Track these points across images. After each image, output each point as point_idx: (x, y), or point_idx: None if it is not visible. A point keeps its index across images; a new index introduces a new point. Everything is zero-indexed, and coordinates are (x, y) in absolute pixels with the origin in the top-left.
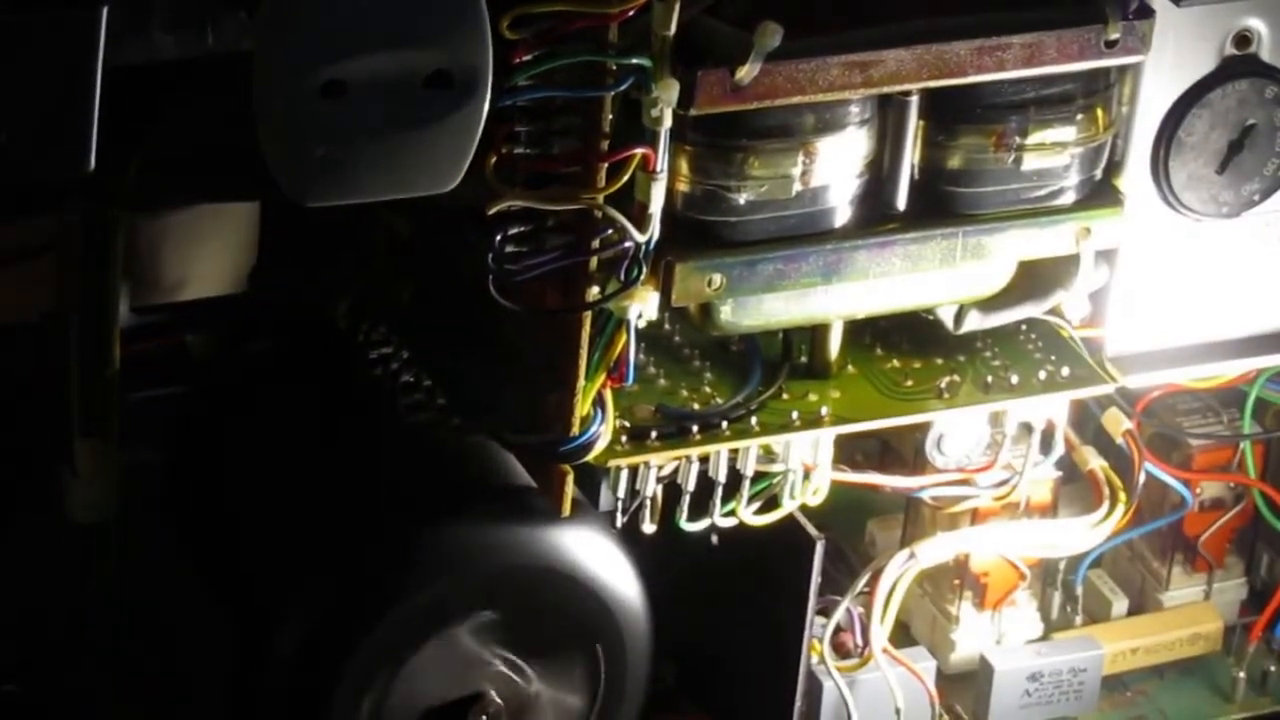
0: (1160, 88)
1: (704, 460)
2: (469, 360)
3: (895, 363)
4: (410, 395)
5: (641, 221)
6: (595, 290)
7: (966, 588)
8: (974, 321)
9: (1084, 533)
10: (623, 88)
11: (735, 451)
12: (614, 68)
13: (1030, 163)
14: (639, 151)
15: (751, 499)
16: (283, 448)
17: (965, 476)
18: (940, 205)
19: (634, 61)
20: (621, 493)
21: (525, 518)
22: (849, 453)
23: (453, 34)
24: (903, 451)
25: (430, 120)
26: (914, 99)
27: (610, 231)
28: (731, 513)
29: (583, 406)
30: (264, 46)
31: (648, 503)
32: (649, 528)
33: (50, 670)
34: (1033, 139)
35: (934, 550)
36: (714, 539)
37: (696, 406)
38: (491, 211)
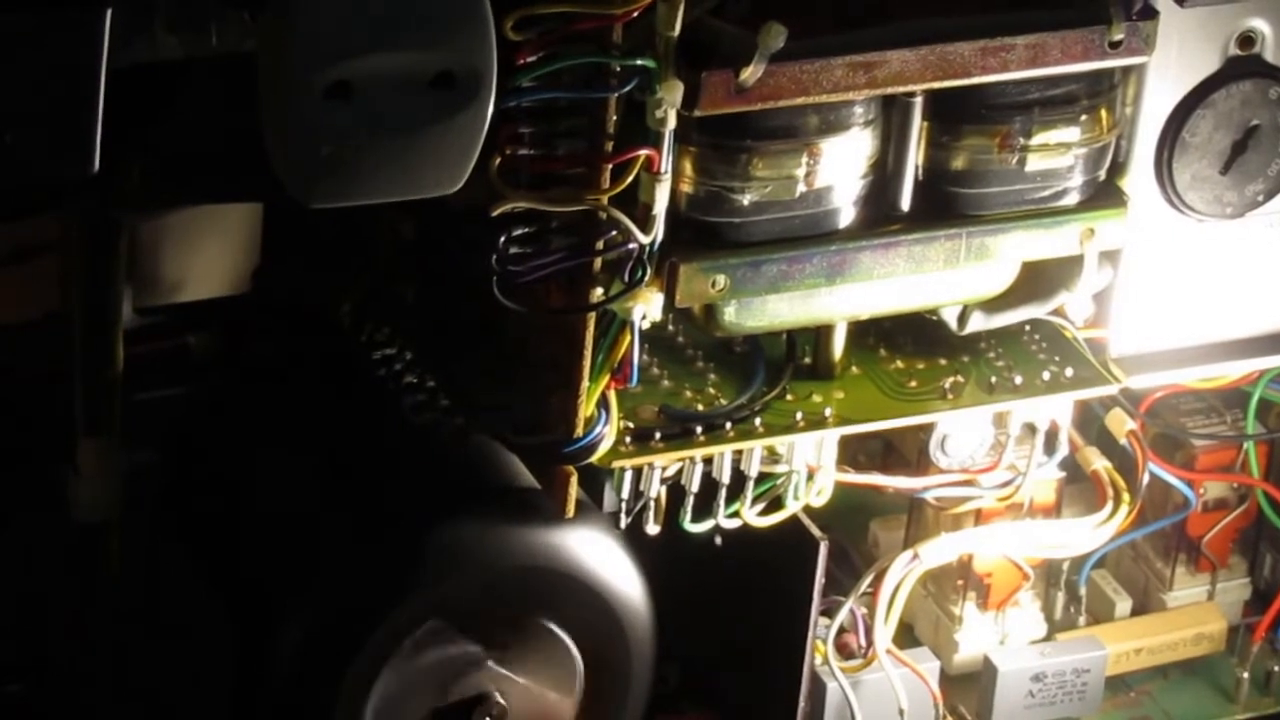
0: (1164, 88)
1: (708, 461)
2: (473, 361)
3: (899, 363)
4: (414, 396)
5: (645, 223)
6: (599, 291)
7: (970, 588)
8: (978, 322)
9: (1088, 533)
10: (627, 89)
11: (739, 452)
12: (618, 69)
13: (1034, 163)
14: (643, 153)
15: (755, 500)
16: (286, 448)
17: (969, 477)
18: (944, 206)
19: (638, 63)
20: (625, 494)
21: (529, 519)
22: (853, 453)
23: (457, 35)
24: (906, 452)
25: (435, 121)
26: (918, 100)
27: (614, 233)
28: (735, 514)
29: (587, 407)
30: (268, 47)
31: (651, 504)
32: (653, 529)
33: (52, 670)
34: (1037, 140)
35: (937, 551)
36: (718, 540)
37: (700, 407)
38: (496, 212)
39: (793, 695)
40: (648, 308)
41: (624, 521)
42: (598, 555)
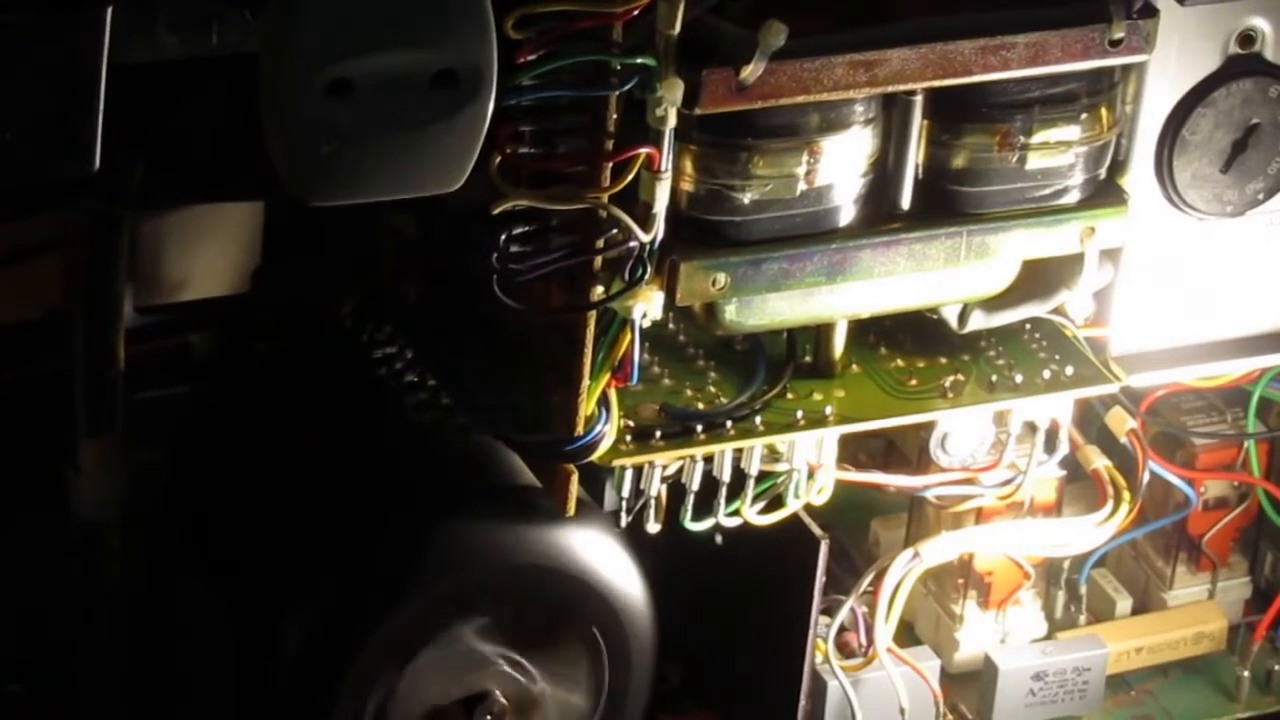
0: (1164, 87)
1: (708, 460)
2: (474, 360)
3: (899, 362)
4: (415, 395)
5: (646, 221)
6: (600, 290)
7: (971, 587)
8: (978, 321)
9: (1088, 532)
10: (627, 87)
11: (740, 451)
12: (619, 67)
13: (1035, 162)
14: (644, 151)
15: (756, 498)
16: (287, 447)
17: (969, 476)
18: (945, 204)
19: (639, 61)
20: (626, 492)
21: (530, 517)
22: (853, 452)
23: (458, 33)
24: (907, 451)
25: (435, 120)
26: (918, 98)
27: (615, 231)
28: (736, 512)
29: (587, 406)
30: (269, 46)
31: (652, 502)
32: (653, 527)
33: (54, 670)
34: (1037, 138)
35: (938, 549)
36: (718, 538)
37: (701, 406)
38: (496, 211)
39: (793, 694)
40: (648, 306)
41: (624, 520)
42: (598, 554)
